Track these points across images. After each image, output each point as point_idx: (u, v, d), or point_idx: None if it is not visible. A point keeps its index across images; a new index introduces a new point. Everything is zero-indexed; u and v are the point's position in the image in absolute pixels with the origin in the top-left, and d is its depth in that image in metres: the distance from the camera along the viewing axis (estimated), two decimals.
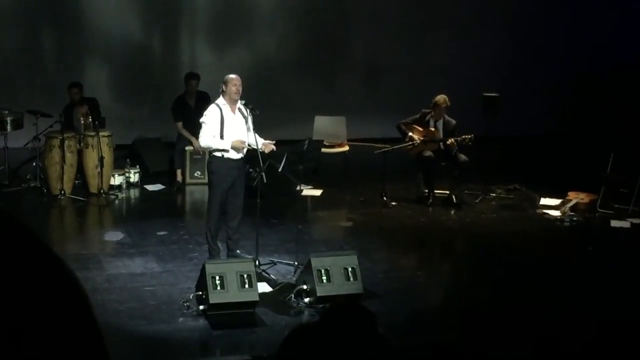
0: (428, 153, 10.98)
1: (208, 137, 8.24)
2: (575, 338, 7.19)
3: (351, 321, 2.46)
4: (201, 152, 11.10)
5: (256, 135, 8.29)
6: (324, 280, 7.63)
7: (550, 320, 7.47)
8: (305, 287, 7.72)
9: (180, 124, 11.70)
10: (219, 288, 7.33)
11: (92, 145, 11.00)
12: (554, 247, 9.82)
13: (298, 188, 9.55)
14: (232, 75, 8.37)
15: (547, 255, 9.48)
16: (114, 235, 9.66)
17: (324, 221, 10.70)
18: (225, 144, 8.19)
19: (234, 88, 8.24)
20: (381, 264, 8.95)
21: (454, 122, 10.97)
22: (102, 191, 11.01)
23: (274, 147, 8.36)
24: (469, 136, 10.71)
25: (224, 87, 8.32)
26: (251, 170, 9.51)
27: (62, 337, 0.96)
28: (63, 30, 13.37)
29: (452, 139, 10.76)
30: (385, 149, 11.09)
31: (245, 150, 8.34)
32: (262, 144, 8.29)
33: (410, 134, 11.00)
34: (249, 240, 8.80)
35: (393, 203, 11.08)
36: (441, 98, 10.93)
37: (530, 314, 7.62)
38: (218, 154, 8.29)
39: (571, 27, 15.26)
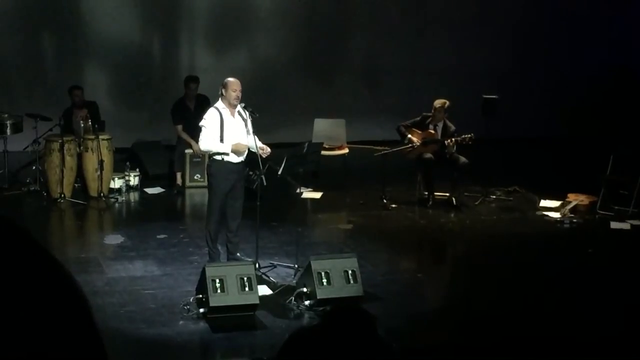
0: (428, 155, 10.99)
1: (208, 140, 8.21)
2: (575, 340, 7.18)
3: (352, 324, 2.45)
4: (200, 155, 11.10)
5: (256, 138, 8.27)
6: (324, 283, 7.62)
7: (550, 323, 7.47)
8: (305, 289, 7.71)
9: (180, 127, 11.69)
10: (219, 291, 7.33)
11: (91, 149, 11.00)
12: (554, 249, 9.82)
13: (298, 191, 9.55)
14: (232, 79, 8.28)
15: (546, 257, 9.48)
16: (114, 239, 9.65)
17: (324, 224, 10.69)
18: (226, 147, 8.16)
19: (233, 93, 8.18)
20: (381, 266, 8.95)
21: (453, 127, 10.97)
22: (101, 194, 11.01)
23: (269, 150, 8.33)
24: (469, 135, 10.72)
25: (223, 91, 8.26)
26: (251, 173, 9.51)
27: (62, 341, 0.96)
28: (62, 34, 13.37)
29: (452, 139, 10.77)
30: (385, 152, 11.10)
31: (245, 153, 8.32)
32: (259, 148, 8.26)
33: (409, 136, 11.01)
34: (248, 243, 8.79)
35: (393, 205, 11.08)
36: (439, 101, 10.95)
37: (530, 316, 7.62)
38: (218, 157, 8.26)
39: (571, 29, 15.27)
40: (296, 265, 8.42)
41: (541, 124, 14.62)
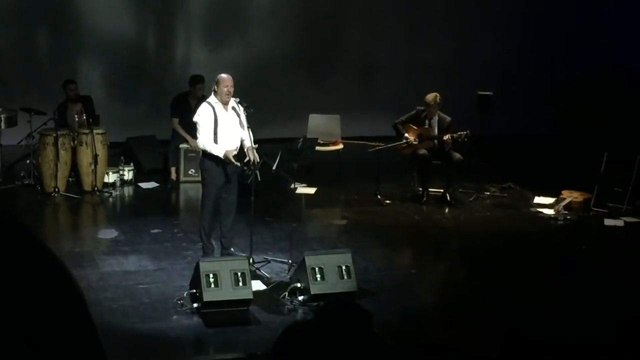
0: (422, 151, 10.99)
1: (206, 139, 8.19)
2: (569, 337, 7.20)
3: (345, 319, 2.45)
4: (196, 150, 11.08)
5: (250, 132, 8.26)
6: (318, 279, 7.63)
7: (544, 319, 7.48)
8: (299, 285, 7.72)
9: (176, 121, 11.64)
10: (212, 286, 7.34)
11: (86, 143, 10.98)
12: (548, 246, 9.83)
13: (292, 186, 9.55)
14: (224, 75, 8.31)
15: (540, 253, 9.49)
16: (108, 233, 9.65)
17: (318, 219, 10.69)
18: (219, 151, 8.14)
19: (225, 89, 8.20)
20: (375, 262, 8.96)
21: (448, 119, 10.97)
22: (96, 189, 11.00)
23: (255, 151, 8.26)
24: (465, 132, 10.71)
25: (215, 87, 8.30)
26: (245, 168, 9.50)
27: (58, 335, 0.96)
28: (57, 28, 13.34)
29: (448, 135, 10.77)
30: (380, 147, 11.10)
31: (238, 148, 8.30)
32: (246, 149, 8.25)
33: (406, 134, 11.01)
34: (243, 238, 8.79)
35: (387, 201, 11.08)
36: (430, 96, 10.93)
37: (524, 313, 7.64)
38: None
39: (566, 26, 15.28)
40: (290, 261, 8.42)
41: (536, 120, 14.63)
